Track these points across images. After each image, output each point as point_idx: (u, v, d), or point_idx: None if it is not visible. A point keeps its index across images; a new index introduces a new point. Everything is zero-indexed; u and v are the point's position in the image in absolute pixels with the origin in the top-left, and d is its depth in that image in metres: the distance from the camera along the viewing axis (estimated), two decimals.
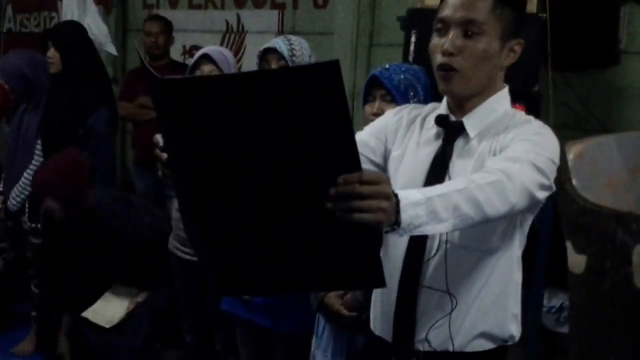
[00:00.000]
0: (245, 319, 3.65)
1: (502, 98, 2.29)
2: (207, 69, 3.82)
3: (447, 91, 2.23)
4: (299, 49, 3.55)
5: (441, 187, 1.95)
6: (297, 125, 1.68)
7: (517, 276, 2.32)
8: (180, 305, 4.39)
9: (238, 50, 6.31)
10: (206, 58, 3.88)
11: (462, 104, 2.27)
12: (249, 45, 6.13)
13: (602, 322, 3.53)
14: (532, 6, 4.22)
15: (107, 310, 4.59)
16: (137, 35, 6.85)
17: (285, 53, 3.48)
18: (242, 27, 6.42)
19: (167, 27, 6.30)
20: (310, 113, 1.66)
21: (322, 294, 3.04)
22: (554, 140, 2.19)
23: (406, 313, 2.27)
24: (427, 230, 1.88)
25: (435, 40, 2.24)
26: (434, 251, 2.22)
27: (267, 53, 3.54)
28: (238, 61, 6.11)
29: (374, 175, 1.76)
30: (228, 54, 4.03)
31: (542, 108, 4.16)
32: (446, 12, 2.23)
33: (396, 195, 1.82)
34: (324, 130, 1.67)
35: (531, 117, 2.30)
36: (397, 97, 3.14)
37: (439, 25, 2.24)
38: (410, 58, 4.37)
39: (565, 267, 2.46)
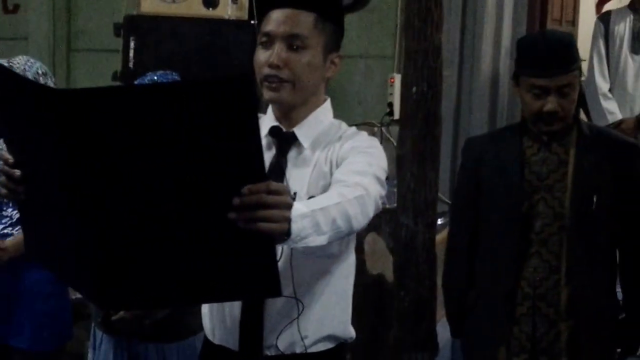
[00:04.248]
0: None
1: (326, 109, 2.41)
2: None
3: (275, 100, 2.30)
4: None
5: (320, 200, 2.02)
6: (201, 136, 1.68)
7: (352, 279, 2.44)
8: None
9: None
10: None
11: (289, 114, 2.36)
12: None
13: None
14: (243, 13, 4.52)
15: None
16: None
17: None
18: None
19: None
20: (217, 124, 1.67)
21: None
22: (382, 150, 2.35)
23: (253, 321, 2.32)
24: (309, 241, 1.93)
25: (260, 53, 2.29)
26: (277, 258, 2.26)
27: None
28: None
29: (280, 185, 1.80)
30: None
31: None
32: (270, 27, 2.28)
33: None
34: (229, 140, 1.68)
35: (354, 128, 2.44)
36: None
37: (264, 39, 2.29)
38: (131, 64, 4.46)
39: None
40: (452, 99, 4.95)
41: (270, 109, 2.40)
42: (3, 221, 3.53)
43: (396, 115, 5.30)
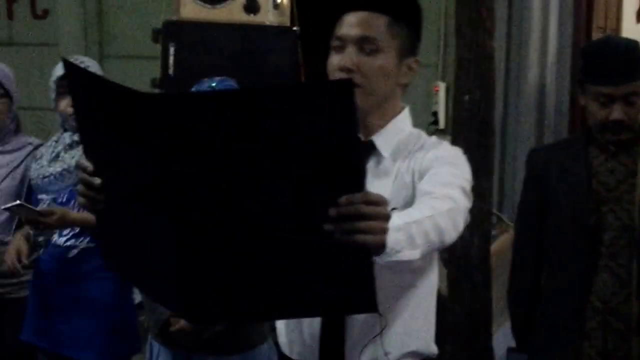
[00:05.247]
0: (49, 351, 3.63)
1: (406, 118, 2.37)
2: None
3: None
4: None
5: (413, 212, 1.99)
6: (298, 142, 1.65)
7: (435, 293, 2.40)
8: None
9: None
10: None
11: (364, 122, 2.30)
12: None
13: None
14: (285, 19, 4.54)
15: None
16: None
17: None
18: None
19: None
20: (315, 131, 1.64)
21: (164, 319, 3.09)
22: (466, 161, 2.31)
23: (334, 337, 2.29)
24: (403, 256, 1.90)
25: (333, 58, 2.28)
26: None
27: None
28: None
29: (378, 195, 1.74)
30: (9, 70, 3.85)
31: None
32: (343, 30, 2.26)
33: None
34: (327, 148, 1.65)
35: (435, 137, 2.41)
36: None
37: (337, 43, 2.27)
38: (171, 71, 4.46)
39: None
40: (499, 109, 4.96)
41: None
42: (64, 233, 3.53)
43: (441, 125, 5.34)
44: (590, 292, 2.94)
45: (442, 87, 5.25)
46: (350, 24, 2.26)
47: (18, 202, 3.44)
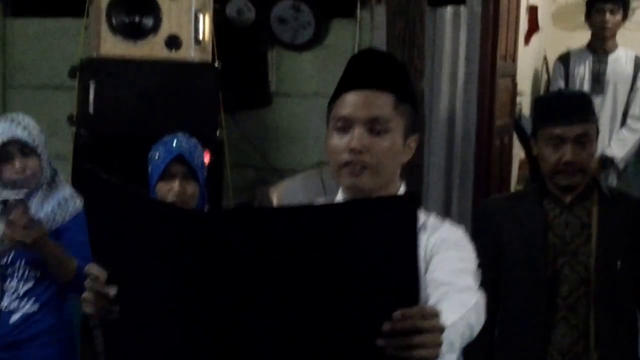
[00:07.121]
0: None
1: None
2: None
3: (357, 186, 2.20)
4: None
5: (446, 314, 1.85)
6: (355, 256, 1.62)
7: None
8: None
9: None
10: None
11: None
12: None
13: None
14: (207, 55, 4.48)
15: None
16: None
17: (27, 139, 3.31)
18: None
19: None
20: (374, 245, 1.61)
21: None
22: (469, 240, 2.26)
23: None
24: None
25: (336, 139, 2.21)
26: None
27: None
28: None
29: (432, 308, 1.71)
30: None
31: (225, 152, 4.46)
32: (347, 110, 2.18)
33: None
34: (385, 262, 1.62)
35: (433, 216, 2.30)
36: (199, 175, 3.17)
37: (340, 124, 2.20)
38: (91, 109, 4.32)
39: None
40: None
41: (340, 196, 2.30)
42: (8, 295, 3.38)
43: None
44: (549, 344, 2.99)
45: None
46: (357, 104, 2.18)
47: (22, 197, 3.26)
